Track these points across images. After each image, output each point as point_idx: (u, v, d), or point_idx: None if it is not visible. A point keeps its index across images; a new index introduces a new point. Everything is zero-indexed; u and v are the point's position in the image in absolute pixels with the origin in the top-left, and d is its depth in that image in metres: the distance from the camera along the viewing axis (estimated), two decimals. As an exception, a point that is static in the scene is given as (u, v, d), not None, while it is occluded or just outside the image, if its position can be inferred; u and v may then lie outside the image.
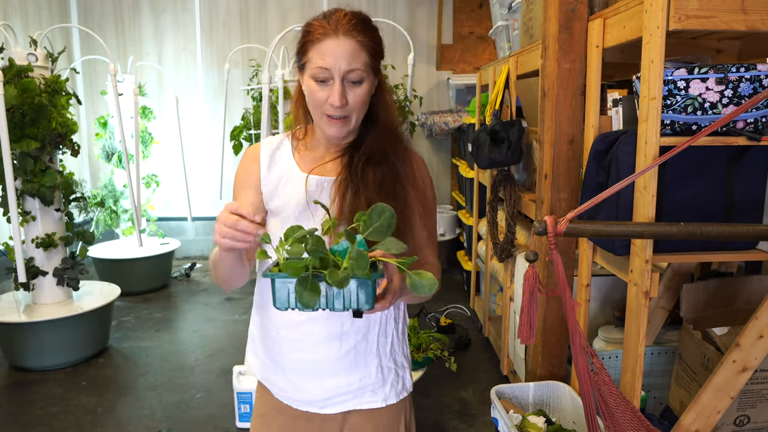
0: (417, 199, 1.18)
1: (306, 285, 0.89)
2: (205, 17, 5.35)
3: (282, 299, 0.94)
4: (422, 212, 1.19)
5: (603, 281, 2.22)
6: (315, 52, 1.07)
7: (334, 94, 1.07)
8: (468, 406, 2.75)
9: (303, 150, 1.21)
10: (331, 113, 1.10)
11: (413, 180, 1.18)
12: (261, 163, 1.21)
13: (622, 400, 1.28)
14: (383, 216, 0.94)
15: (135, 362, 3.27)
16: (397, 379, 1.23)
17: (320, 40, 1.07)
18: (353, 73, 1.07)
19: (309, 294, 0.89)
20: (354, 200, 1.11)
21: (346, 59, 1.06)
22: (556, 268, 1.19)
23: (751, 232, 1.15)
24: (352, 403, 1.20)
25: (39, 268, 3.13)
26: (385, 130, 1.17)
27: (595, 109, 1.84)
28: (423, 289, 0.91)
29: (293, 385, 1.20)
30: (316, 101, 1.10)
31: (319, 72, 1.07)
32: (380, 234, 0.94)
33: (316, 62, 1.07)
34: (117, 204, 4.60)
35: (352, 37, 1.07)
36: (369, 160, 1.14)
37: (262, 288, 1.23)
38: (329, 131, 1.12)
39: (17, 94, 2.81)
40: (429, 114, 5.02)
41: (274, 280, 0.93)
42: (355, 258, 0.90)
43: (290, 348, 1.18)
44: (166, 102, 5.38)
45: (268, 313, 1.20)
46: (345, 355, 1.16)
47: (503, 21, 3.18)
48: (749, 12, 1.38)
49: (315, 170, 1.17)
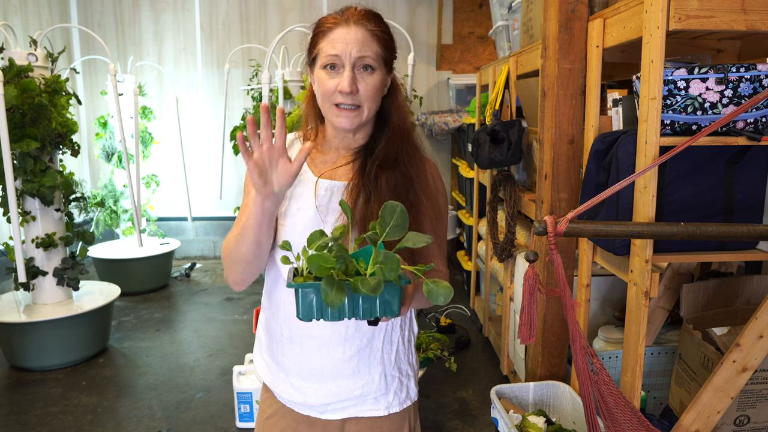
0: (429, 206, 1.15)
1: (333, 284, 0.85)
2: (205, 17, 5.35)
3: (307, 309, 0.90)
4: (433, 220, 1.16)
5: (603, 281, 2.22)
6: (325, 42, 1.06)
7: (344, 79, 1.05)
8: (468, 406, 2.75)
9: (313, 152, 1.18)
10: (341, 101, 1.07)
11: (426, 186, 1.15)
12: None
13: (622, 400, 1.28)
14: (395, 213, 0.92)
15: (135, 362, 3.27)
16: (400, 388, 1.21)
17: (331, 29, 1.06)
18: (364, 59, 1.05)
19: (336, 293, 0.85)
20: (365, 207, 1.09)
21: (356, 46, 1.05)
22: (556, 268, 1.19)
23: (751, 232, 1.15)
24: (354, 410, 1.18)
25: (39, 268, 3.13)
26: (400, 134, 1.15)
27: (595, 109, 1.84)
28: (439, 297, 0.89)
29: (295, 389, 1.18)
30: (325, 91, 1.08)
31: (328, 60, 1.06)
32: (399, 231, 0.92)
33: (326, 51, 1.06)
34: (117, 204, 4.60)
35: (362, 25, 1.06)
36: (382, 165, 1.12)
37: (269, 289, 1.22)
38: (339, 122, 1.09)
39: (17, 94, 2.81)
40: (429, 114, 5.02)
41: (298, 290, 0.89)
42: (384, 261, 0.87)
43: (293, 351, 1.16)
44: (166, 102, 5.38)
45: (273, 315, 1.19)
46: (348, 360, 1.15)
47: (503, 21, 3.18)
48: (749, 12, 1.38)
49: (325, 174, 1.14)
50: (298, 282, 0.90)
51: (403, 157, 1.14)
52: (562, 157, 2.01)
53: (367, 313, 0.90)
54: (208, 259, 5.57)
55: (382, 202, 1.07)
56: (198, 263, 5.34)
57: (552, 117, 1.99)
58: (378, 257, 0.88)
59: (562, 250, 2.03)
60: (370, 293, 0.84)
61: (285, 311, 1.16)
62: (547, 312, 2.13)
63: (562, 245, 2.03)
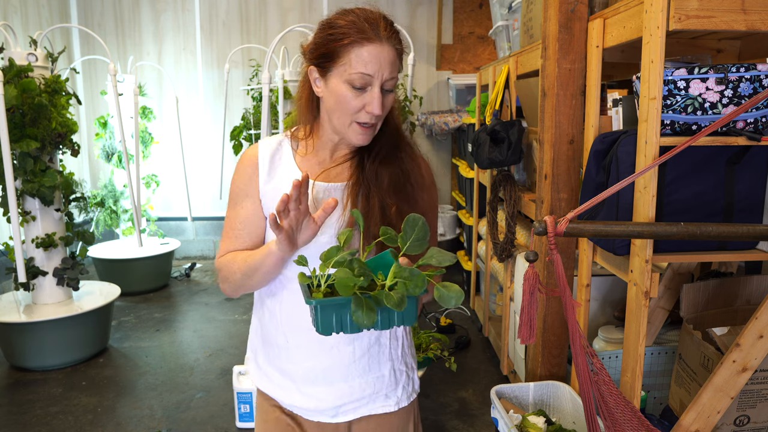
0: (425, 199, 1.17)
1: (362, 305, 0.85)
2: (205, 17, 5.35)
3: (327, 325, 0.89)
4: (429, 212, 1.18)
5: (603, 281, 2.21)
6: (355, 57, 1.01)
7: (374, 101, 1.03)
8: (468, 406, 2.74)
9: (305, 153, 1.16)
10: (366, 120, 1.05)
11: (421, 179, 1.16)
12: (260, 168, 1.14)
13: (622, 400, 1.28)
14: (417, 227, 0.92)
15: (135, 362, 3.27)
16: (408, 381, 1.23)
17: (360, 44, 1.01)
18: (391, 81, 1.04)
19: (366, 313, 0.85)
20: (366, 204, 1.08)
21: (389, 67, 1.03)
22: (556, 268, 1.19)
23: (751, 232, 1.15)
24: (366, 408, 1.18)
25: (39, 268, 3.13)
26: (395, 131, 1.16)
27: (595, 109, 1.84)
28: (450, 301, 0.89)
29: (303, 395, 1.16)
30: (349, 108, 1.04)
31: (359, 78, 1.02)
32: (419, 246, 0.92)
33: (357, 68, 1.01)
34: (117, 204, 4.60)
35: (392, 45, 1.03)
36: (383, 162, 1.12)
37: (263, 295, 1.19)
38: (358, 139, 1.08)
39: (17, 94, 2.81)
40: (429, 114, 5.02)
41: (317, 307, 0.88)
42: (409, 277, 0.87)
43: (301, 356, 1.15)
44: (166, 102, 5.38)
45: (273, 322, 1.17)
46: (359, 359, 1.15)
47: (503, 21, 3.18)
48: (749, 12, 1.38)
49: (320, 177, 1.13)
50: (318, 298, 0.88)
51: (399, 151, 1.14)
52: (562, 157, 2.01)
53: (386, 324, 0.90)
54: (208, 259, 5.57)
55: (383, 198, 1.08)
56: (198, 263, 5.34)
57: (552, 117, 1.99)
58: (402, 273, 0.88)
59: (562, 250, 2.03)
60: (396, 308, 0.84)
61: (288, 318, 1.15)
62: (547, 312, 2.13)
63: (562, 245, 2.03)
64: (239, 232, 1.15)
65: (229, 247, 1.15)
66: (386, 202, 1.09)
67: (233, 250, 1.15)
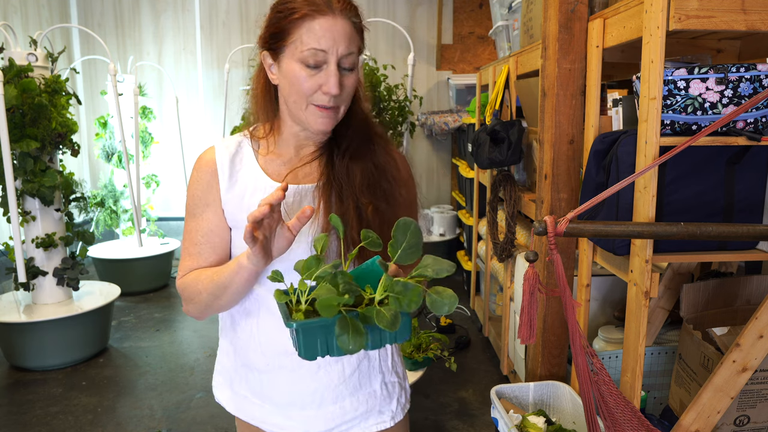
0: (403, 194, 1.07)
1: (347, 328, 0.74)
2: (205, 17, 5.35)
3: (311, 349, 0.78)
4: (407, 208, 1.10)
5: (603, 281, 2.21)
6: (306, 32, 0.91)
7: (330, 80, 0.92)
8: (468, 406, 2.74)
9: (266, 153, 1.05)
10: (323, 103, 0.95)
11: (397, 173, 1.07)
12: (219, 173, 1.02)
13: (622, 400, 1.28)
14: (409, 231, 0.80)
15: (135, 362, 3.27)
16: (401, 393, 1.16)
17: (312, 17, 0.91)
18: (349, 57, 0.94)
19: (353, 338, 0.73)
20: (340, 206, 0.98)
21: (344, 41, 0.92)
22: (556, 268, 1.19)
23: (751, 232, 1.15)
24: (359, 428, 1.10)
25: (39, 268, 3.13)
26: (365, 123, 1.06)
27: (595, 109, 1.84)
28: (443, 308, 0.78)
29: (291, 420, 1.07)
30: (304, 89, 0.94)
31: (311, 55, 0.91)
32: (413, 254, 0.80)
33: (308, 43, 0.91)
34: (117, 204, 4.60)
35: (347, 17, 0.93)
36: (353, 157, 1.02)
37: (235, 315, 1.08)
38: (317, 124, 0.97)
39: (17, 94, 2.81)
40: (429, 114, 5.02)
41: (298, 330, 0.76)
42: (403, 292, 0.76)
43: (284, 380, 1.04)
44: (166, 102, 5.38)
45: (250, 345, 1.06)
46: (349, 378, 1.07)
47: (503, 21, 3.18)
48: (749, 12, 1.38)
49: (287, 178, 1.02)
50: (299, 319, 0.77)
51: (371, 144, 1.05)
52: (562, 157, 2.01)
53: (377, 343, 0.79)
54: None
55: (357, 196, 1.00)
56: (198, 263, 5.34)
57: (552, 117, 1.99)
58: (394, 286, 0.77)
59: (562, 250, 2.03)
60: (389, 329, 0.73)
61: (269, 339, 1.04)
62: (547, 312, 2.13)
63: (562, 245, 2.03)
64: (201, 247, 1.03)
65: (191, 265, 1.03)
66: (361, 201, 1.00)
67: (196, 267, 1.03)
